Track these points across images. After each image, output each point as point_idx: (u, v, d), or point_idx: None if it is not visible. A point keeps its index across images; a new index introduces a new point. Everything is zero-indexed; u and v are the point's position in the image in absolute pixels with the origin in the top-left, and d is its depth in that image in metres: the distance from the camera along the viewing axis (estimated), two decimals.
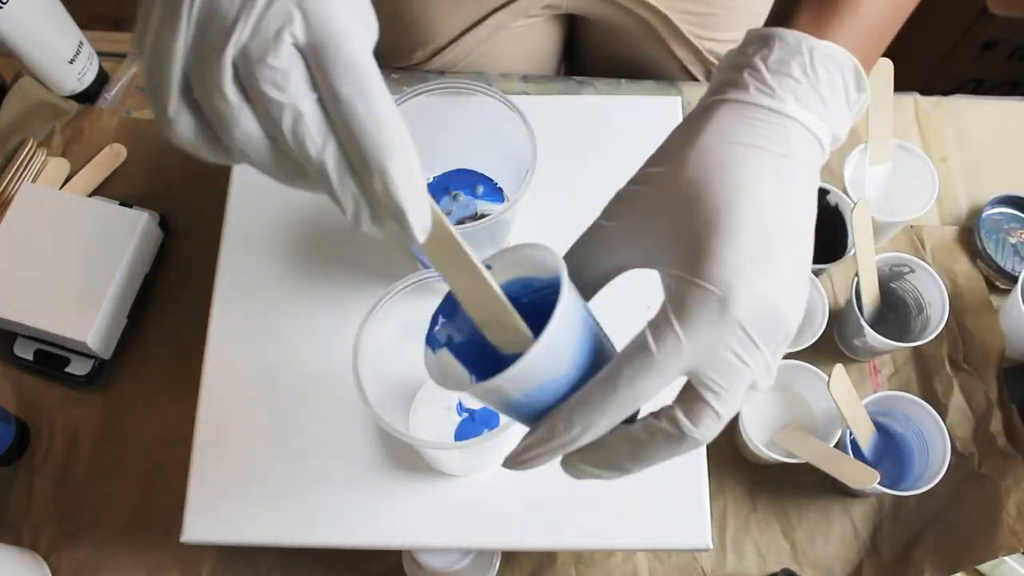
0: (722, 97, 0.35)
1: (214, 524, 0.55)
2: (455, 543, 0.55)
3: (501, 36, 0.78)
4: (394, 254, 0.62)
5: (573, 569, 0.63)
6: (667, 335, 0.31)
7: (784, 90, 0.34)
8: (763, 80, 0.34)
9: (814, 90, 0.34)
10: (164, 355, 0.69)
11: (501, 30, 0.78)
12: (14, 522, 0.65)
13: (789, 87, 0.34)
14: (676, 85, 0.79)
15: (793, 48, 0.35)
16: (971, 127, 0.79)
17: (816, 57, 0.35)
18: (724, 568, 0.64)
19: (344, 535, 0.55)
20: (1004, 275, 0.71)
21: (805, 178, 0.34)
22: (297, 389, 0.58)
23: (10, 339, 0.68)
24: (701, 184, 0.32)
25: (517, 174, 0.55)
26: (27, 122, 0.76)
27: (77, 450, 0.67)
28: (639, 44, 0.80)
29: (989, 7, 1.28)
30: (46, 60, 0.74)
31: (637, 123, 0.66)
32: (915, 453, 0.64)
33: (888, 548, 0.64)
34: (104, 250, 0.67)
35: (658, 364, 0.31)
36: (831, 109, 0.35)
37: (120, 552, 0.64)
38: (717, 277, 0.31)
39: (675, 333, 0.31)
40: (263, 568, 0.63)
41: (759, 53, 0.35)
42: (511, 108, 0.53)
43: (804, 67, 0.34)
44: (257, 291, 0.61)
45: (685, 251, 0.32)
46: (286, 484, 0.56)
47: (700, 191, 0.32)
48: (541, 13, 0.78)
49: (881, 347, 0.65)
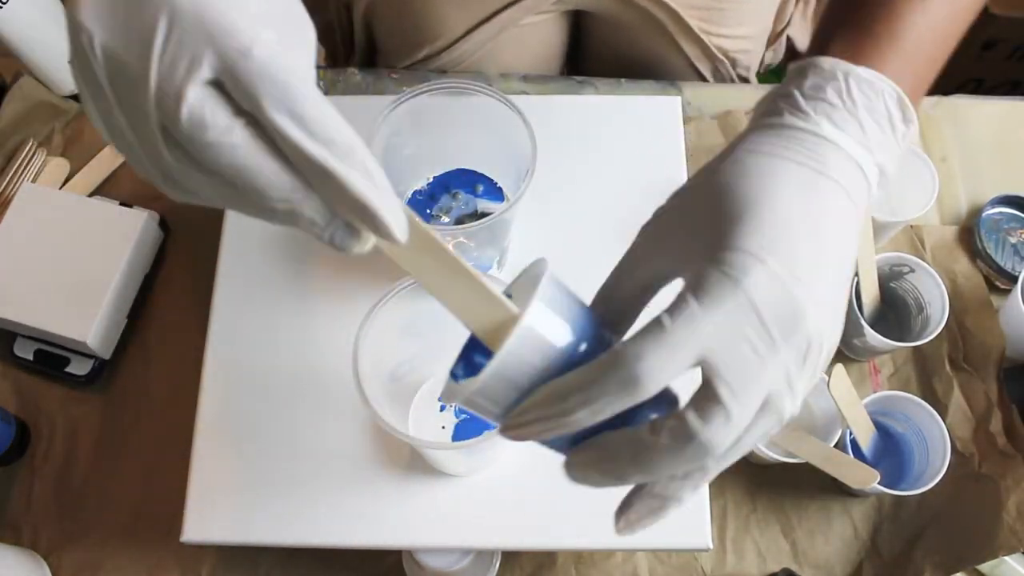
0: (755, 125, 0.34)
1: (214, 524, 0.55)
2: (455, 543, 0.55)
3: (509, 33, 0.78)
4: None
5: (573, 569, 0.63)
6: (682, 309, 0.29)
7: (819, 113, 0.33)
8: (797, 105, 0.34)
9: (851, 115, 0.33)
10: (164, 355, 0.69)
11: (509, 27, 0.78)
12: (14, 522, 0.65)
13: (824, 110, 0.33)
14: (676, 85, 0.79)
15: (828, 74, 0.34)
16: (971, 127, 0.79)
17: (852, 82, 0.34)
18: (724, 568, 0.64)
19: (344, 535, 0.55)
20: (1004, 275, 0.71)
21: (843, 200, 0.32)
22: (297, 389, 0.58)
23: (10, 339, 0.68)
24: (728, 187, 0.32)
25: (517, 174, 0.55)
26: (27, 122, 0.76)
27: (77, 450, 0.67)
28: (647, 40, 0.80)
29: (989, 7, 1.28)
30: (46, 60, 0.74)
31: (637, 123, 0.66)
32: (915, 453, 0.64)
33: (888, 548, 0.64)
34: (104, 250, 0.67)
35: (670, 337, 0.29)
36: (871, 136, 0.34)
37: (120, 552, 0.64)
38: (735, 261, 0.30)
39: (690, 308, 0.29)
40: (263, 568, 0.63)
41: (795, 82, 0.35)
42: (511, 108, 0.53)
43: (840, 92, 0.34)
44: (257, 291, 0.61)
45: (706, 244, 0.31)
46: (286, 484, 0.56)
47: (726, 192, 0.32)
48: (551, 10, 0.78)
49: (881, 347, 0.65)
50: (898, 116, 0.34)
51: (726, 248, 0.30)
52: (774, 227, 0.31)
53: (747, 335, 0.29)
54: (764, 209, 0.31)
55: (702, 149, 0.76)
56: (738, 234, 0.30)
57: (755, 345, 0.29)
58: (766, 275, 0.30)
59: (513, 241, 0.62)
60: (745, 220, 0.31)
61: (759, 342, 0.29)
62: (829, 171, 0.32)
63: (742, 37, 0.81)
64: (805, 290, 0.30)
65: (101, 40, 0.28)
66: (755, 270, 0.30)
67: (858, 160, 0.33)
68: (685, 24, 0.77)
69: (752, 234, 0.30)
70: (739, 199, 0.31)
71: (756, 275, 0.29)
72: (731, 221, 0.31)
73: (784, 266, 0.30)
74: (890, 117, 0.34)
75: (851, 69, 0.34)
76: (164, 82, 0.27)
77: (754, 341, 0.29)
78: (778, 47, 0.89)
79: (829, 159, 0.33)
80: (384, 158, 0.54)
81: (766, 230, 0.30)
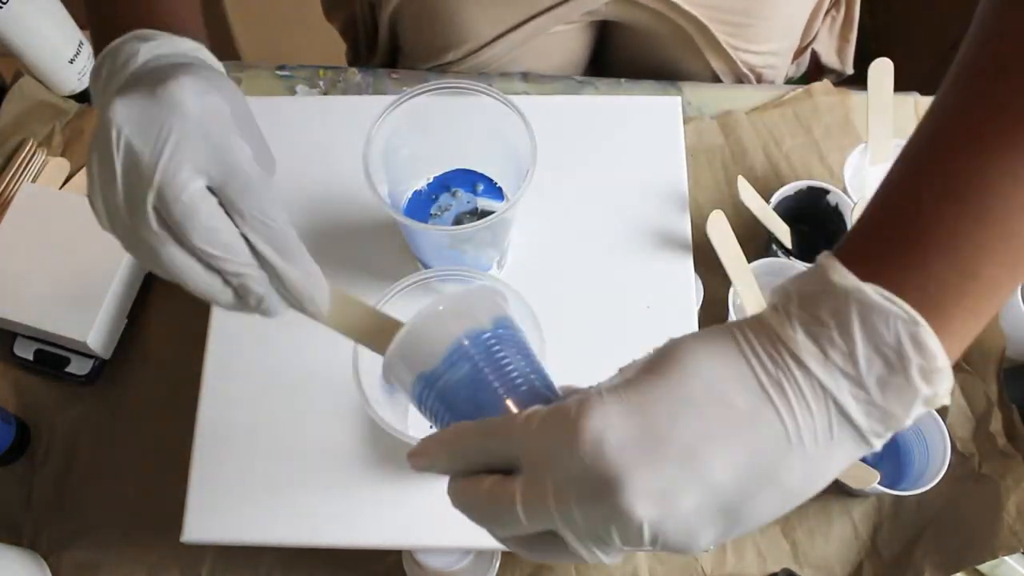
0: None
1: (214, 524, 0.55)
2: (455, 543, 0.55)
3: (537, 41, 0.78)
4: (394, 254, 0.62)
5: (573, 569, 0.63)
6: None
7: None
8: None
9: (842, 373, 0.29)
10: (164, 355, 0.69)
11: (538, 35, 0.77)
12: (14, 522, 0.65)
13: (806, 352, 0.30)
14: (676, 85, 0.79)
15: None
16: None
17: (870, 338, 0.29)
18: (724, 568, 0.64)
19: (344, 535, 0.55)
20: None
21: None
22: (297, 389, 0.58)
23: (10, 339, 0.68)
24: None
25: (517, 174, 0.55)
26: (27, 122, 0.76)
27: (77, 450, 0.67)
28: (673, 52, 0.80)
29: None
30: (46, 60, 0.74)
31: (637, 123, 0.66)
32: (915, 453, 0.64)
33: (888, 548, 0.64)
34: (104, 250, 0.67)
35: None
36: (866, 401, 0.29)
37: (120, 552, 0.64)
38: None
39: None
40: (263, 568, 0.63)
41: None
42: (511, 108, 0.53)
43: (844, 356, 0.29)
44: None
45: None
46: (286, 484, 0.56)
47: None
48: (580, 20, 0.78)
49: None
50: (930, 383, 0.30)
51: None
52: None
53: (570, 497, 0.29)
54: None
55: (702, 149, 0.76)
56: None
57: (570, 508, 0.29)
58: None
59: (513, 241, 0.62)
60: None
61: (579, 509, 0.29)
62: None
63: (769, 53, 0.81)
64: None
65: (126, 135, 0.36)
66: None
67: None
68: (714, 39, 0.77)
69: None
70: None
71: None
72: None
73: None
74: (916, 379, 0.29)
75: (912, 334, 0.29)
76: (169, 178, 0.36)
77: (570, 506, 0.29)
78: (802, 61, 0.89)
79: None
80: (384, 158, 0.54)
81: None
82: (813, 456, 0.29)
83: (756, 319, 0.31)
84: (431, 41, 0.80)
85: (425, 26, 0.80)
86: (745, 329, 0.31)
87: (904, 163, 0.32)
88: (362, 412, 0.57)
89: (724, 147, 0.77)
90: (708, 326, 0.32)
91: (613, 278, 0.61)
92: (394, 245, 0.62)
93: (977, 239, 0.29)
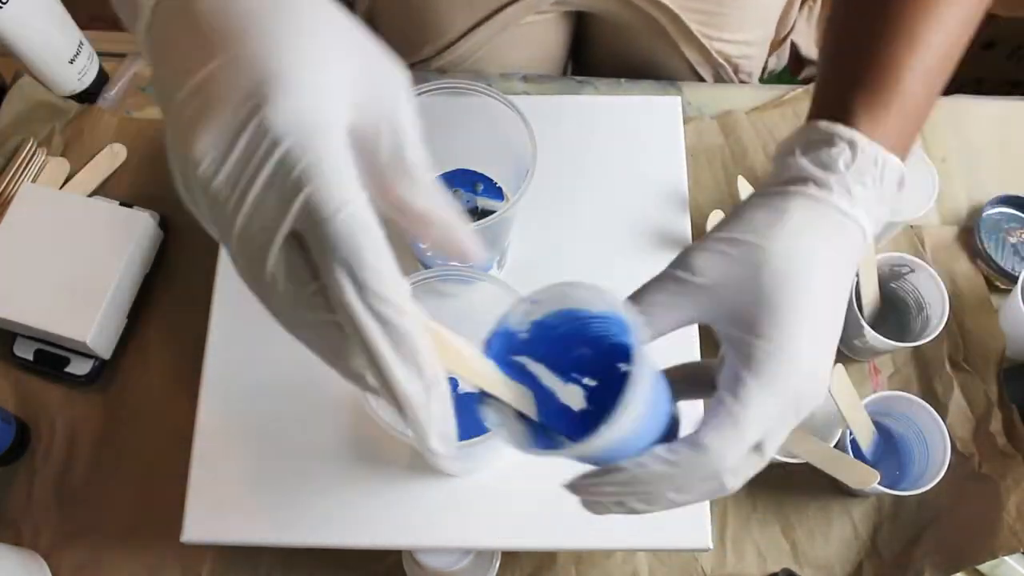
0: (805, 191, 0.38)
1: (214, 524, 0.55)
2: (455, 543, 0.55)
3: (510, 32, 0.78)
4: (394, 254, 0.62)
5: (573, 569, 0.63)
6: (743, 392, 0.35)
7: (856, 198, 0.38)
8: (845, 187, 0.38)
9: (878, 198, 0.39)
10: (164, 355, 0.69)
11: (510, 26, 0.78)
12: (14, 522, 0.65)
13: (861, 197, 0.38)
14: (676, 85, 0.79)
15: (870, 160, 0.39)
16: (971, 127, 0.79)
17: (886, 172, 0.39)
18: (724, 568, 0.64)
19: (344, 535, 0.55)
20: (1004, 275, 0.71)
21: (852, 271, 0.39)
22: (297, 389, 0.58)
23: (10, 339, 0.68)
24: (780, 273, 0.37)
25: (517, 174, 0.55)
26: (27, 122, 0.76)
27: (77, 450, 0.67)
28: (648, 43, 0.80)
29: (989, 7, 1.28)
30: (46, 60, 0.74)
31: (637, 123, 0.66)
32: (915, 453, 0.64)
33: (888, 548, 0.64)
34: (104, 250, 0.67)
35: (742, 424, 0.35)
36: (879, 209, 0.39)
37: (120, 552, 0.64)
38: (785, 345, 0.35)
39: (749, 390, 0.35)
40: (263, 568, 0.63)
41: (842, 157, 0.39)
42: (511, 108, 0.53)
43: (876, 179, 0.39)
44: None
45: (757, 320, 0.36)
46: (286, 484, 0.56)
47: (778, 278, 0.36)
48: (551, 10, 0.78)
49: (881, 347, 0.65)
50: (896, 188, 0.40)
51: (776, 327, 0.35)
52: (815, 316, 0.36)
53: (786, 417, 0.36)
54: (807, 300, 0.36)
55: (702, 149, 0.76)
56: (787, 321, 0.36)
57: (788, 421, 0.36)
58: (807, 360, 0.36)
59: (513, 241, 0.62)
60: (793, 309, 0.36)
61: (793, 419, 0.37)
62: (850, 249, 0.38)
63: (744, 43, 0.81)
64: (824, 371, 0.37)
65: (206, 176, 0.28)
66: (800, 356, 0.35)
67: (867, 232, 0.39)
68: (685, 27, 0.77)
69: (801, 322, 0.36)
70: (789, 289, 0.36)
71: (799, 361, 0.35)
72: (779, 309, 0.36)
73: (814, 352, 0.36)
74: (893, 191, 0.40)
75: (887, 160, 0.39)
76: (251, 235, 0.30)
77: (789, 419, 0.36)
78: (781, 53, 0.89)
79: (851, 237, 0.38)
80: None
81: (808, 319, 0.36)
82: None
83: (827, 204, 0.38)
84: (407, 36, 0.80)
85: (400, 21, 0.80)
86: (817, 224, 0.38)
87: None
88: (362, 412, 0.57)
89: (724, 147, 0.77)
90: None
91: (613, 278, 0.60)
92: (394, 245, 0.62)
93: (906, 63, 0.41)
